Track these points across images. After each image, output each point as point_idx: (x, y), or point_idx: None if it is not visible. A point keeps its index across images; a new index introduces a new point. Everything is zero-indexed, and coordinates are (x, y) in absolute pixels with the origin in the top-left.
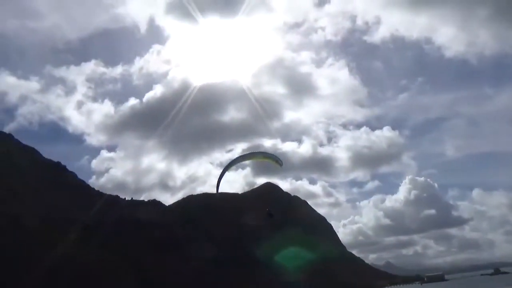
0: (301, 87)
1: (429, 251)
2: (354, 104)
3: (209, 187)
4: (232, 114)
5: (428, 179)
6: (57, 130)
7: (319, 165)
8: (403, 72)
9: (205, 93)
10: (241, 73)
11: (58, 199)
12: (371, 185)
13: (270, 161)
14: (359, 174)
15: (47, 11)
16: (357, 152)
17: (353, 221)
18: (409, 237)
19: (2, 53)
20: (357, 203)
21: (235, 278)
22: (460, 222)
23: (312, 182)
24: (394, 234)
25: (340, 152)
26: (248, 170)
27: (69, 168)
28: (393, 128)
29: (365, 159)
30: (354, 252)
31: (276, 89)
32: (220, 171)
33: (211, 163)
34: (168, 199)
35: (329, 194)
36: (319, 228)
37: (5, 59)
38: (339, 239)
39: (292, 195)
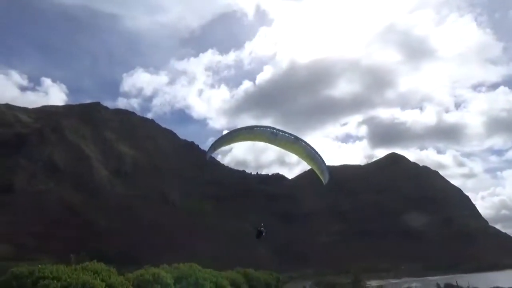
0: (417, 51)
1: None
2: (486, 62)
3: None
4: (343, 87)
5: None
6: (184, 117)
7: (446, 133)
8: None
9: (314, 68)
10: (350, 44)
11: (194, 175)
12: None
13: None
14: (498, 141)
15: (172, 4)
16: (494, 116)
17: (494, 193)
18: None
19: (137, 51)
20: (498, 173)
21: (360, 251)
22: None
23: (440, 151)
24: None
25: (472, 117)
26: (365, 142)
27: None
28: None
29: (505, 123)
30: (498, 226)
31: (390, 56)
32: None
33: (326, 137)
34: (287, 174)
35: (461, 164)
36: (456, 201)
37: (139, 56)
38: (479, 212)
39: (421, 165)
